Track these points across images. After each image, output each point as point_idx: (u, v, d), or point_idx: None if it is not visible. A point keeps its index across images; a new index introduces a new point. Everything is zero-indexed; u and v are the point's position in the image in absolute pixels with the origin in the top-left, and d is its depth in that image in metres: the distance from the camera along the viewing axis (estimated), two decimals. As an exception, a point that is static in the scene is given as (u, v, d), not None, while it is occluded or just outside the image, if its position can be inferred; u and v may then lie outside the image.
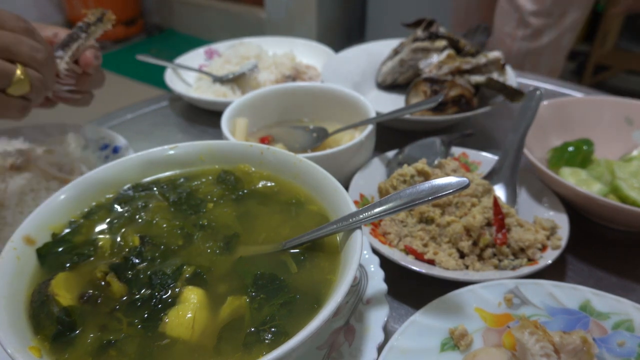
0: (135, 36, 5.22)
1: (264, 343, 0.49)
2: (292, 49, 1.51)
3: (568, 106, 1.04)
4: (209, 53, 1.53)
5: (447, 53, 1.18)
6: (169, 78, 1.35)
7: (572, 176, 0.90)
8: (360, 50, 1.41)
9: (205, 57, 1.53)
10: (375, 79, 1.38)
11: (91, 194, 0.68)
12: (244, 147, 0.73)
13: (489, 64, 1.17)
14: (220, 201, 0.69)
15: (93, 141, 1.10)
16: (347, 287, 0.49)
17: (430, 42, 1.23)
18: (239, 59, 1.42)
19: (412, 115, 1.06)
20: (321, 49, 1.50)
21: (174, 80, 1.37)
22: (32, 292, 0.55)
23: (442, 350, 0.62)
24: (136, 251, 0.60)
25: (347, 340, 0.62)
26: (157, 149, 0.73)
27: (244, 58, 1.42)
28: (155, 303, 0.54)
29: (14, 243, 0.57)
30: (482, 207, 0.78)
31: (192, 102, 1.31)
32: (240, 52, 1.44)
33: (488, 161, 0.97)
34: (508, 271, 0.73)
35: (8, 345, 0.46)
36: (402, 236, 0.81)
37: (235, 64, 1.41)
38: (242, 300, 0.54)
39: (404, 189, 0.58)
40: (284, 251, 0.60)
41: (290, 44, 1.55)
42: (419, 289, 0.76)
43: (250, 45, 1.48)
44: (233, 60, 1.42)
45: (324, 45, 1.50)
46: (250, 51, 1.44)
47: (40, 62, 0.77)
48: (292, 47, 1.53)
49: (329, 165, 0.70)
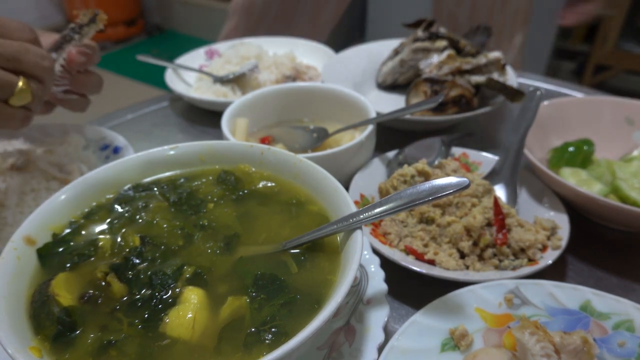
0: (135, 36, 5.23)
1: (264, 343, 0.49)
2: (292, 49, 1.51)
3: (568, 106, 1.04)
4: (209, 53, 1.53)
5: (447, 53, 1.18)
6: (169, 78, 1.35)
7: (573, 176, 0.90)
8: (361, 50, 1.41)
9: (205, 57, 1.53)
10: (376, 79, 1.38)
11: (91, 194, 0.68)
12: (244, 147, 0.73)
13: (489, 64, 1.17)
14: (221, 201, 0.69)
15: (93, 141, 1.10)
16: (347, 287, 0.49)
17: (430, 43, 1.23)
18: (239, 59, 1.42)
19: (412, 116, 1.06)
20: (321, 49, 1.50)
21: (174, 80, 1.37)
22: (33, 292, 0.55)
23: (442, 351, 0.62)
24: (136, 251, 0.60)
25: (348, 340, 0.61)
26: (157, 149, 0.73)
27: (244, 58, 1.42)
28: (156, 303, 0.54)
29: (15, 243, 0.57)
30: (483, 208, 0.78)
31: (193, 103, 1.31)
32: (240, 52, 1.44)
33: (488, 161, 0.97)
34: (508, 271, 0.73)
35: (8, 346, 0.46)
36: (403, 236, 0.81)
37: (236, 64, 1.41)
38: (242, 301, 0.54)
39: (405, 189, 0.58)
40: (284, 251, 0.60)
41: (291, 44, 1.55)
42: (419, 289, 0.76)
43: (250, 45, 1.48)
44: (233, 61, 1.42)
45: (324, 46, 1.51)
46: (251, 51, 1.44)
47: (46, 70, 0.77)
48: (292, 47, 1.53)
49: (329, 166, 0.70)
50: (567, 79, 3.83)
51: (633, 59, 3.48)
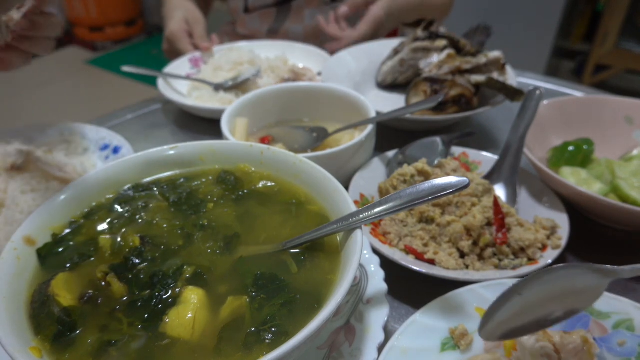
0: (135, 36, 5.22)
1: (264, 343, 0.49)
2: (285, 52, 1.49)
3: (568, 106, 1.04)
4: (193, 61, 1.49)
5: (447, 53, 1.18)
6: (163, 87, 1.31)
7: (573, 176, 0.90)
8: (360, 50, 1.40)
9: (190, 65, 1.48)
10: (376, 78, 1.38)
11: (91, 194, 0.68)
12: (244, 147, 0.73)
13: (489, 64, 1.17)
14: (221, 201, 0.69)
15: (93, 141, 1.10)
16: (347, 287, 0.49)
17: (430, 42, 1.23)
18: (232, 64, 1.39)
19: (412, 115, 1.06)
20: (314, 51, 1.48)
21: (167, 89, 1.32)
22: (33, 292, 0.55)
23: (442, 350, 0.63)
24: (136, 251, 0.60)
25: (348, 340, 0.62)
26: (157, 149, 0.73)
27: (237, 64, 1.39)
28: (156, 303, 0.54)
29: (15, 243, 0.57)
30: (483, 207, 0.78)
31: (195, 113, 1.27)
32: (232, 57, 1.40)
33: (488, 161, 0.97)
34: (508, 271, 0.73)
35: (9, 346, 0.46)
36: (403, 236, 0.81)
37: (229, 70, 1.38)
38: (242, 300, 0.54)
39: (404, 189, 0.58)
40: (284, 251, 0.60)
41: (282, 47, 1.53)
42: (419, 289, 0.76)
43: (241, 50, 1.45)
44: (225, 67, 1.39)
45: (317, 48, 1.48)
46: (243, 56, 1.40)
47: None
48: (284, 50, 1.50)
49: (329, 165, 0.70)
50: (567, 78, 3.83)
51: (633, 58, 3.48)
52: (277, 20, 1.71)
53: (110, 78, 4.52)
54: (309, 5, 1.66)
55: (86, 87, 4.46)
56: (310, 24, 1.69)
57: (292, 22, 1.70)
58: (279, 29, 1.72)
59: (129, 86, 4.31)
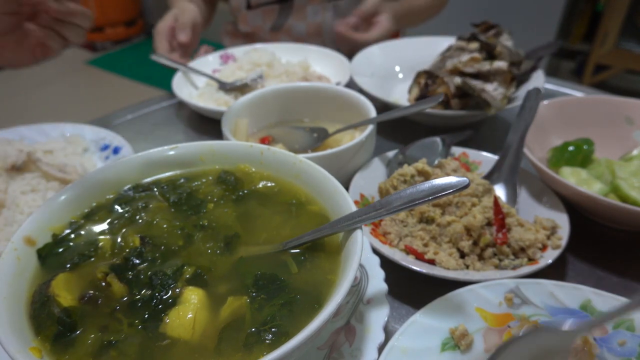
0: (135, 36, 5.23)
1: (264, 343, 0.49)
2: (307, 57, 1.47)
3: (568, 106, 1.04)
4: (224, 57, 1.49)
5: (470, 56, 1.16)
6: (177, 82, 1.31)
7: (573, 176, 0.90)
8: (387, 46, 1.47)
9: (220, 61, 1.48)
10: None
11: (91, 194, 0.68)
12: (244, 147, 0.73)
13: (495, 74, 1.14)
14: (221, 201, 0.69)
15: (93, 141, 1.10)
16: (347, 287, 0.49)
17: (466, 43, 1.23)
18: (251, 65, 1.38)
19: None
20: (336, 57, 1.45)
21: (181, 84, 1.32)
22: (33, 292, 0.55)
23: (442, 350, 0.63)
24: (136, 252, 0.60)
25: (348, 340, 0.62)
26: (157, 149, 0.73)
27: (255, 65, 1.38)
28: (156, 303, 0.54)
29: (15, 244, 0.57)
30: (483, 207, 0.78)
31: (196, 110, 1.27)
32: (253, 58, 1.40)
33: (488, 161, 0.97)
34: (508, 271, 0.73)
35: (9, 346, 0.46)
36: (403, 236, 0.81)
37: (247, 70, 1.37)
38: (242, 301, 0.54)
39: (404, 189, 0.58)
40: (284, 251, 0.60)
41: (304, 51, 1.51)
42: (419, 289, 0.76)
43: (263, 51, 1.44)
44: (245, 67, 1.38)
45: (339, 54, 1.46)
46: (263, 58, 1.39)
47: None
48: (306, 55, 1.49)
49: (329, 166, 0.70)
50: (567, 78, 3.83)
51: (633, 58, 3.49)
52: (280, 17, 1.71)
53: (110, 78, 4.52)
54: (311, 2, 1.67)
55: (86, 87, 4.46)
56: (313, 21, 1.70)
57: (295, 19, 1.70)
58: (282, 26, 1.72)
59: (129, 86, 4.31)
